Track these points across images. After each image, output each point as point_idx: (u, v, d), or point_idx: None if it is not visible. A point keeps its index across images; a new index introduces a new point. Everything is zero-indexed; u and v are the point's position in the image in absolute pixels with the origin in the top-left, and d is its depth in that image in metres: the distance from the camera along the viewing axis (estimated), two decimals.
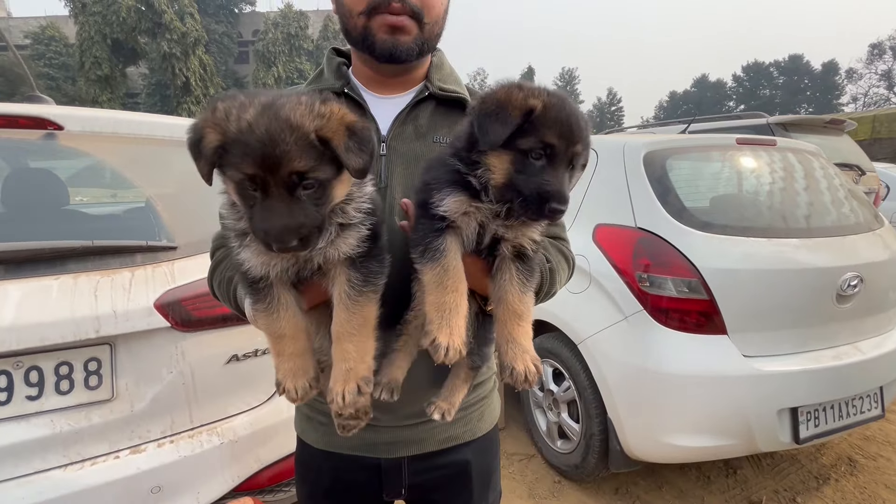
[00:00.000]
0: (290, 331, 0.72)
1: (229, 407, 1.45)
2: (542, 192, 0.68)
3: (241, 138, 0.58)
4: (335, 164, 0.64)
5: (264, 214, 0.60)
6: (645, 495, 2.52)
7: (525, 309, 0.76)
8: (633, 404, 2.11)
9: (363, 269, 0.70)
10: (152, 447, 1.31)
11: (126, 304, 1.24)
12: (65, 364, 1.22)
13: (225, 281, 0.91)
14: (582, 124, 0.71)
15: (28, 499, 1.16)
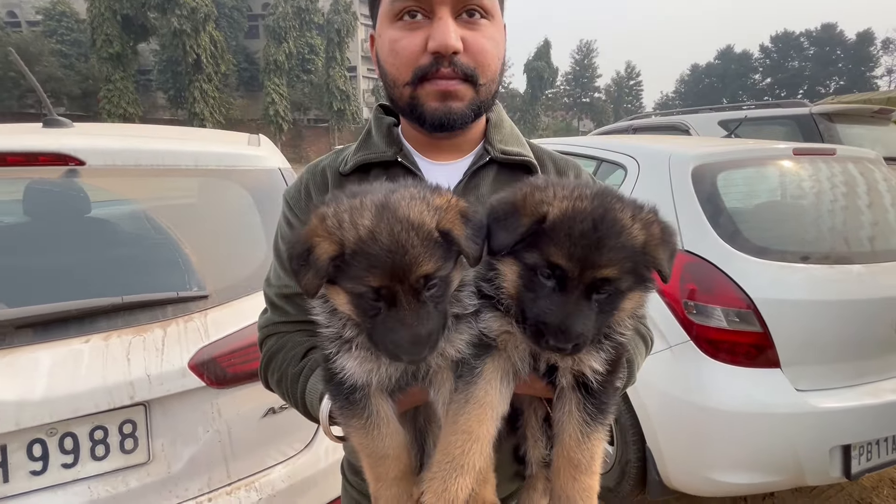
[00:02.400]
0: (393, 450, 0.62)
1: (266, 458, 1.40)
2: (541, 321, 0.55)
3: (365, 248, 0.52)
4: (452, 255, 0.57)
5: (392, 327, 0.53)
6: None
7: (585, 458, 0.61)
8: (674, 436, 2.02)
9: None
10: None
11: (160, 366, 1.18)
12: (99, 429, 1.17)
13: (288, 379, 0.83)
14: (614, 242, 0.54)
15: None
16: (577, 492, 0.60)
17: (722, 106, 4.58)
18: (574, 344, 0.54)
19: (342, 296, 0.56)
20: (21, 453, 1.10)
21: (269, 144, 1.90)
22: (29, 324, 1.11)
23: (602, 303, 0.56)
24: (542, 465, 0.75)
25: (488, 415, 0.59)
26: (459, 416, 0.58)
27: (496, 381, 0.61)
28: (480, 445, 0.58)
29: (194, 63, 28.44)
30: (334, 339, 0.62)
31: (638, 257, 0.55)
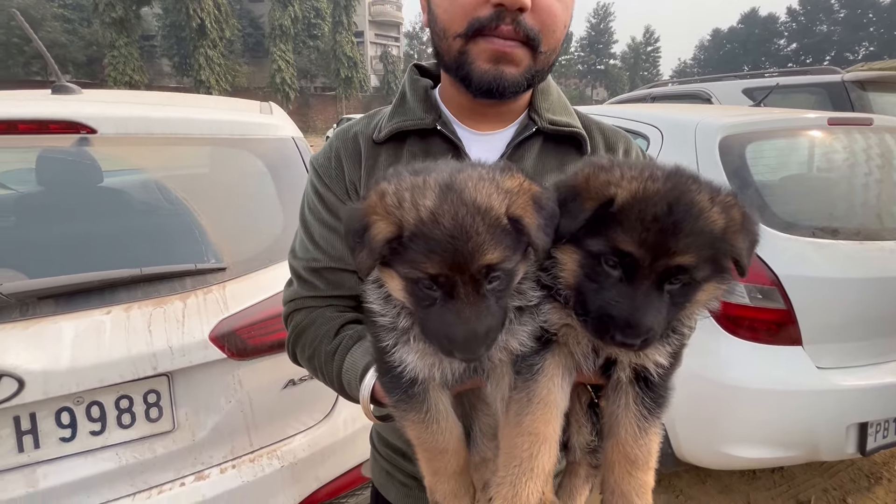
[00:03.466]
0: (452, 445, 0.60)
1: (287, 428, 1.42)
2: (606, 314, 0.50)
3: (425, 231, 0.48)
4: (521, 246, 0.52)
5: (446, 320, 0.49)
6: (688, 489, 2.50)
7: (642, 454, 0.59)
8: (690, 411, 2.02)
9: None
10: (215, 473, 1.30)
11: (181, 338, 1.18)
12: (125, 398, 1.18)
13: (322, 356, 0.80)
14: (691, 226, 0.49)
15: None
16: (632, 488, 0.58)
17: (746, 74, 4.35)
18: (643, 339, 0.49)
19: (397, 281, 0.52)
20: (50, 420, 1.12)
21: (281, 113, 1.84)
22: (50, 295, 1.11)
23: (674, 294, 0.52)
24: (585, 452, 0.73)
25: (553, 414, 0.56)
26: (524, 417, 0.56)
27: (557, 377, 0.57)
28: (548, 447, 0.56)
29: (198, 28, 27.76)
30: (391, 330, 0.58)
31: (717, 244, 0.50)
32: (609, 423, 0.61)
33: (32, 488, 1.10)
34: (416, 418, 0.59)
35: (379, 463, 1.04)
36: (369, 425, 1.55)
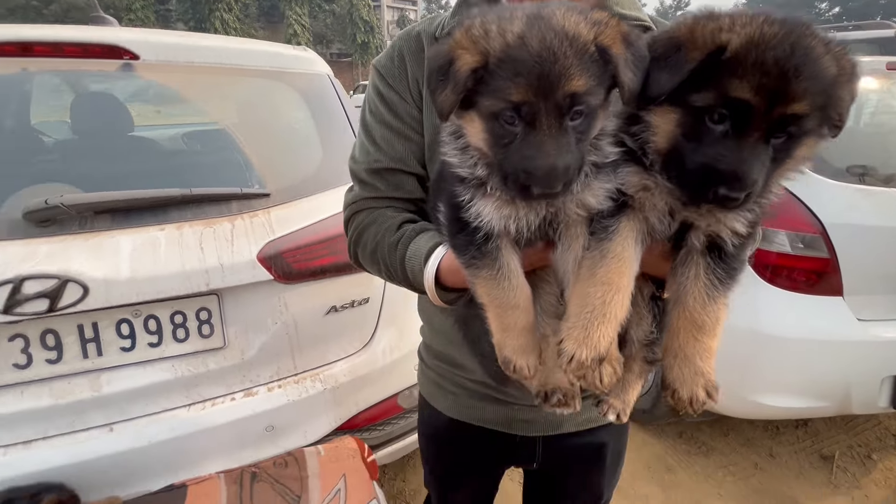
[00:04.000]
0: (522, 302, 0.61)
1: (328, 354, 1.46)
2: (711, 169, 0.49)
3: (511, 55, 0.48)
4: (606, 80, 0.51)
5: (526, 154, 0.49)
6: (710, 441, 2.53)
7: (710, 319, 0.59)
8: (721, 360, 1.99)
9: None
10: (263, 391, 1.36)
11: (231, 256, 1.20)
12: (179, 313, 1.23)
13: (385, 248, 0.81)
14: (811, 71, 0.46)
15: (161, 434, 1.24)
16: (696, 351, 0.58)
17: None
18: (747, 193, 0.48)
19: (476, 123, 0.52)
20: (111, 330, 1.17)
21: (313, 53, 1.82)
22: (107, 209, 1.14)
23: (777, 149, 0.50)
24: (642, 345, 0.74)
25: (627, 268, 0.56)
26: (598, 269, 0.56)
27: (632, 239, 0.57)
28: (621, 296, 0.56)
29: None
30: (467, 183, 0.58)
31: (828, 92, 0.48)
32: (676, 293, 0.61)
33: (97, 392, 1.17)
34: (488, 275, 0.59)
35: (427, 375, 1.07)
36: (406, 357, 1.60)
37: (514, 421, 0.97)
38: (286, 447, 1.42)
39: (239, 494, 1.25)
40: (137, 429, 1.22)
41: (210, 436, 1.29)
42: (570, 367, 0.54)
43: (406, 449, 1.69)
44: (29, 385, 1.12)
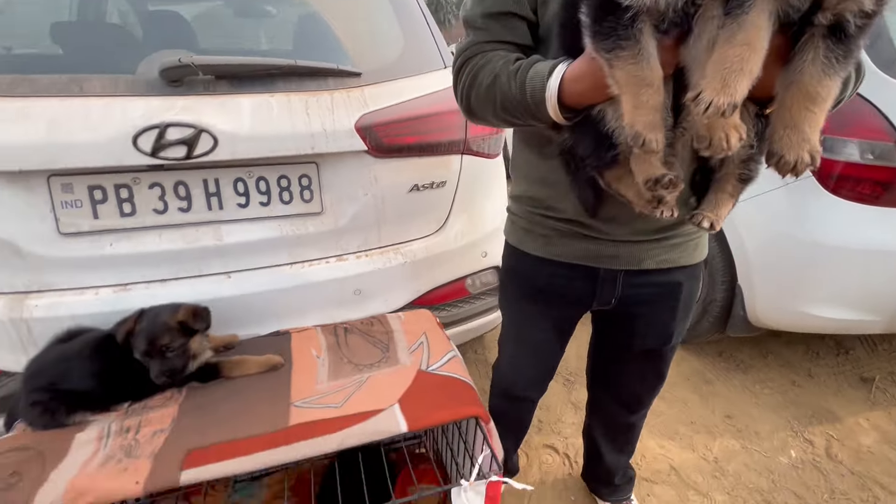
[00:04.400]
0: (657, 81, 0.67)
1: (408, 232, 1.59)
2: None
3: None
4: None
5: None
6: (749, 360, 2.62)
7: (823, 92, 0.63)
8: (773, 272, 2.07)
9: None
10: (352, 258, 1.51)
11: (332, 123, 1.32)
12: (284, 177, 1.37)
13: (504, 77, 0.87)
14: None
15: (269, 286, 1.41)
16: (806, 121, 0.64)
17: None
18: None
19: None
20: (229, 187, 1.32)
21: None
22: (227, 74, 1.25)
23: None
24: (741, 161, 0.80)
25: (764, 34, 0.60)
26: (736, 35, 0.60)
27: (765, 15, 0.60)
28: (757, 56, 0.60)
29: None
30: None
31: None
32: (789, 78, 0.66)
33: (218, 242, 1.34)
34: (628, 55, 0.67)
35: (517, 224, 1.19)
36: (474, 244, 1.72)
37: (601, 256, 1.08)
38: (370, 312, 1.59)
39: (336, 341, 1.43)
40: (250, 279, 1.39)
41: (308, 292, 1.46)
42: (706, 113, 0.61)
43: (469, 333, 1.85)
44: (165, 229, 1.30)
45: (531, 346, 1.38)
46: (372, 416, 1.10)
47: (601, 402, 1.52)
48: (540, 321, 1.27)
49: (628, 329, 1.22)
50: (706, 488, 1.85)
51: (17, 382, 1.28)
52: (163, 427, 1.08)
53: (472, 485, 1.01)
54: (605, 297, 1.14)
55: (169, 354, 1.13)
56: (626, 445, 1.59)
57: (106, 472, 0.94)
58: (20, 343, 1.25)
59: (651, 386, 1.36)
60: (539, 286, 1.19)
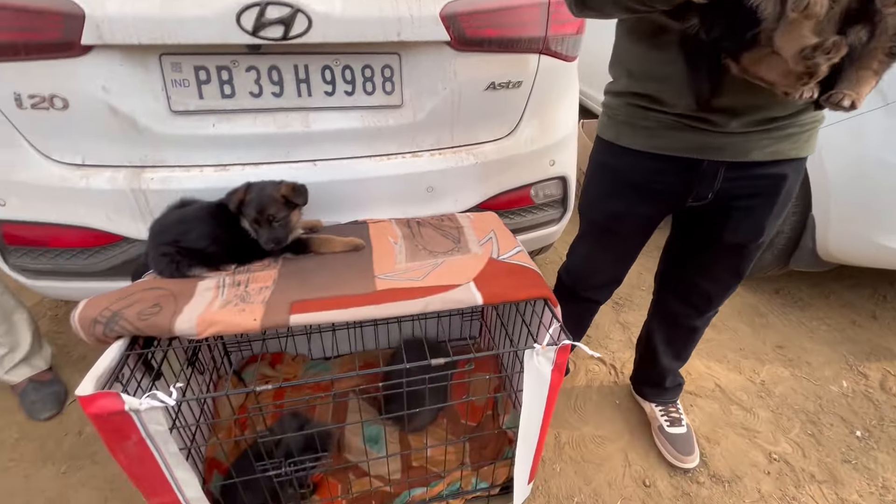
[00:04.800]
0: None
1: (480, 133, 1.62)
2: None
3: None
4: None
5: None
6: (808, 299, 2.56)
7: None
8: (854, 200, 1.96)
9: None
10: (426, 155, 1.56)
11: (419, 9, 1.32)
12: (367, 67, 1.40)
13: None
14: None
15: (350, 175, 1.50)
16: None
17: None
18: None
19: None
20: (317, 75, 1.37)
21: None
22: None
23: None
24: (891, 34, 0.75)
25: None
26: None
27: None
28: None
29: None
30: None
31: None
32: None
33: (306, 128, 1.41)
34: None
35: (615, 119, 1.20)
36: (542, 152, 1.72)
37: (707, 147, 1.07)
38: (440, 211, 1.66)
39: (410, 232, 1.52)
40: (333, 168, 1.48)
41: (385, 185, 1.54)
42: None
43: (531, 243, 1.91)
44: (260, 113, 1.38)
45: (610, 247, 1.42)
46: (451, 288, 1.19)
47: (668, 306, 1.54)
48: (625, 220, 1.29)
49: (719, 223, 1.20)
50: (750, 405, 1.91)
51: (137, 249, 1.47)
52: (267, 285, 1.22)
53: (544, 349, 1.10)
54: (702, 192, 1.14)
55: (275, 224, 1.26)
56: (682, 350, 1.64)
57: (227, 311, 1.10)
58: (139, 212, 1.42)
59: (726, 285, 1.36)
60: (633, 181, 1.20)
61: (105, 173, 1.37)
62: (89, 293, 1.19)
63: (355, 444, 1.62)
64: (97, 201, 1.38)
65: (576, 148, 1.87)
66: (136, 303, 1.12)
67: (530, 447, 1.32)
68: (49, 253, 1.50)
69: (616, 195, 1.26)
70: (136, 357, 1.11)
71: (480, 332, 2.04)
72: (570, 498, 1.55)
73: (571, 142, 1.83)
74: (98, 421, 0.93)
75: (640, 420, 1.82)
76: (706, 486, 1.59)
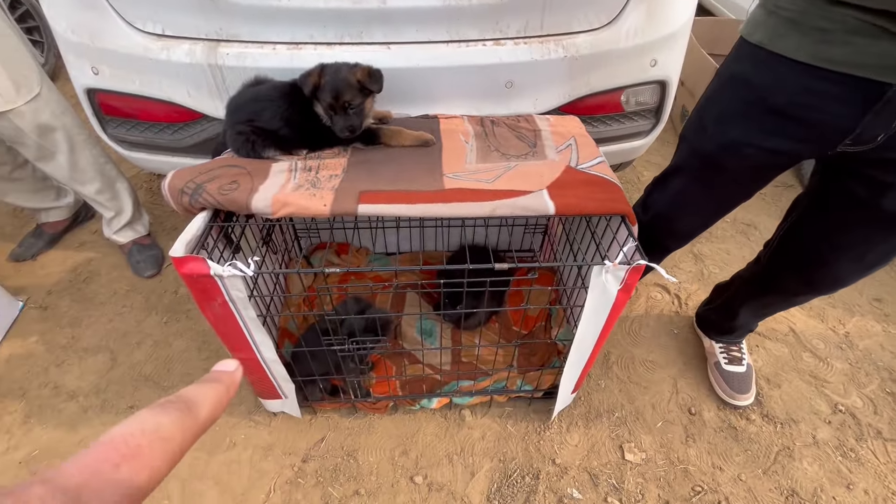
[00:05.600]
0: None
1: (574, 22, 1.40)
2: None
3: None
4: None
5: None
6: None
7: None
8: None
9: None
10: (510, 44, 1.39)
11: None
12: None
13: None
14: None
15: (425, 62, 1.39)
16: None
17: None
18: None
19: None
20: None
21: None
22: None
23: None
24: None
25: None
26: None
27: None
28: None
29: None
30: None
31: None
32: None
33: (382, 4, 1.29)
34: None
35: (778, 16, 0.91)
36: (645, 48, 1.47)
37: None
38: (517, 111, 1.53)
39: (483, 131, 1.42)
40: (407, 52, 1.37)
41: (461, 76, 1.42)
42: None
43: (610, 157, 1.74)
44: None
45: (712, 188, 1.17)
46: (522, 194, 1.12)
47: (780, 280, 1.26)
48: (745, 155, 1.01)
49: (884, 180, 0.91)
50: (825, 354, 1.78)
51: (216, 127, 1.51)
52: (337, 173, 1.22)
53: (615, 266, 1.04)
54: (871, 131, 0.84)
55: (350, 111, 1.22)
56: (766, 312, 1.48)
57: (299, 194, 1.12)
58: (216, 89, 1.42)
59: (872, 263, 1.05)
60: (776, 104, 0.91)
61: (183, 45, 1.36)
62: (177, 168, 1.26)
63: (411, 334, 1.73)
64: (178, 75, 1.40)
65: (685, 48, 1.59)
66: (216, 178, 1.16)
67: (581, 360, 1.33)
68: (140, 126, 1.58)
69: (743, 119, 0.99)
70: (217, 229, 1.19)
71: (542, 246, 1.99)
72: (611, 413, 1.59)
73: (681, 40, 1.54)
74: (189, 280, 1.03)
75: (696, 353, 1.77)
76: (755, 424, 1.56)
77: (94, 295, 1.97)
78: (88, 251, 2.17)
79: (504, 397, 1.58)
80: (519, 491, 1.39)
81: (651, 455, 1.48)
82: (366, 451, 1.47)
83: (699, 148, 1.15)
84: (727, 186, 1.16)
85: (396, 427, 1.53)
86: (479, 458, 1.46)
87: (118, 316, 1.89)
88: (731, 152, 1.06)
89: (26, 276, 2.05)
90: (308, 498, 1.36)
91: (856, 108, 0.84)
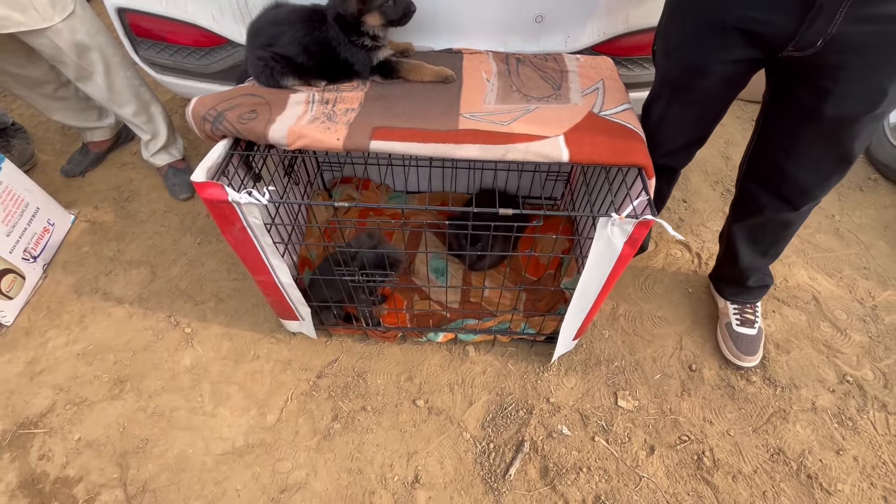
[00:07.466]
0: None
1: None
2: None
3: None
4: None
5: None
6: None
7: None
8: None
9: None
10: None
11: None
12: None
13: None
14: None
15: None
16: None
17: None
18: None
19: None
20: None
21: None
22: None
23: None
24: None
25: None
26: None
27: None
28: None
29: None
30: None
31: None
32: None
33: None
34: None
35: None
36: None
37: None
38: (546, 49, 1.44)
39: (507, 69, 1.36)
40: None
41: (489, 7, 1.34)
42: None
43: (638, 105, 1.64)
44: None
45: (690, 105, 1.19)
46: (537, 139, 1.10)
47: (753, 196, 1.32)
48: (708, 73, 1.06)
49: (823, 86, 0.96)
50: (846, 326, 1.73)
51: (241, 54, 1.51)
52: (353, 107, 1.22)
53: (622, 219, 1.03)
54: (809, 36, 0.88)
55: None
56: (771, 248, 1.44)
57: (314, 127, 1.13)
58: (240, 14, 1.41)
59: (829, 171, 1.12)
60: (719, 21, 0.96)
61: None
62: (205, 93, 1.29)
63: (422, 271, 1.79)
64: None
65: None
66: (236, 106, 1.19)
67: (583, 308, 1.36)
68: (169, 49, 1.60)
69: (697, 40, 1.03)
70: (238, 157, 1.23)
71: (563, 194, 1.95)
72: (611, 362, 1.64)
73: None
74: (209, 205, 1.09)
75: (708, 313, 1.76)
76: (755, 385, 1.58)
77: (136, 213, 2.12)
78: (130, 171, 2.30)
79: (507, 338, 1.64)
80: (512, 422, 1.49)
81: (644, 404, 1.54)
82: (374, 373, 1.60)
83: (668, 72, 1.18)
84: (704, 102, 1.19)
85: (404, 355, 1.64)
86: (479, 390, 1.56)
87: (157, 234, 2.03)
88: (697, 73, 1.09)
89: (76, 191, 2.21)
90: (321, 408, 1.52)
91: (797, 13, 0.88)
